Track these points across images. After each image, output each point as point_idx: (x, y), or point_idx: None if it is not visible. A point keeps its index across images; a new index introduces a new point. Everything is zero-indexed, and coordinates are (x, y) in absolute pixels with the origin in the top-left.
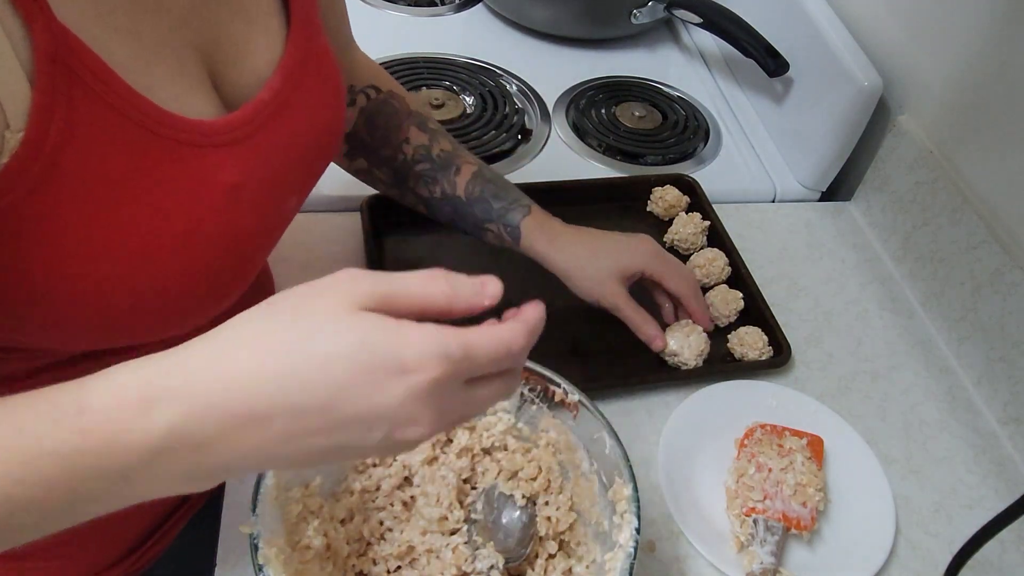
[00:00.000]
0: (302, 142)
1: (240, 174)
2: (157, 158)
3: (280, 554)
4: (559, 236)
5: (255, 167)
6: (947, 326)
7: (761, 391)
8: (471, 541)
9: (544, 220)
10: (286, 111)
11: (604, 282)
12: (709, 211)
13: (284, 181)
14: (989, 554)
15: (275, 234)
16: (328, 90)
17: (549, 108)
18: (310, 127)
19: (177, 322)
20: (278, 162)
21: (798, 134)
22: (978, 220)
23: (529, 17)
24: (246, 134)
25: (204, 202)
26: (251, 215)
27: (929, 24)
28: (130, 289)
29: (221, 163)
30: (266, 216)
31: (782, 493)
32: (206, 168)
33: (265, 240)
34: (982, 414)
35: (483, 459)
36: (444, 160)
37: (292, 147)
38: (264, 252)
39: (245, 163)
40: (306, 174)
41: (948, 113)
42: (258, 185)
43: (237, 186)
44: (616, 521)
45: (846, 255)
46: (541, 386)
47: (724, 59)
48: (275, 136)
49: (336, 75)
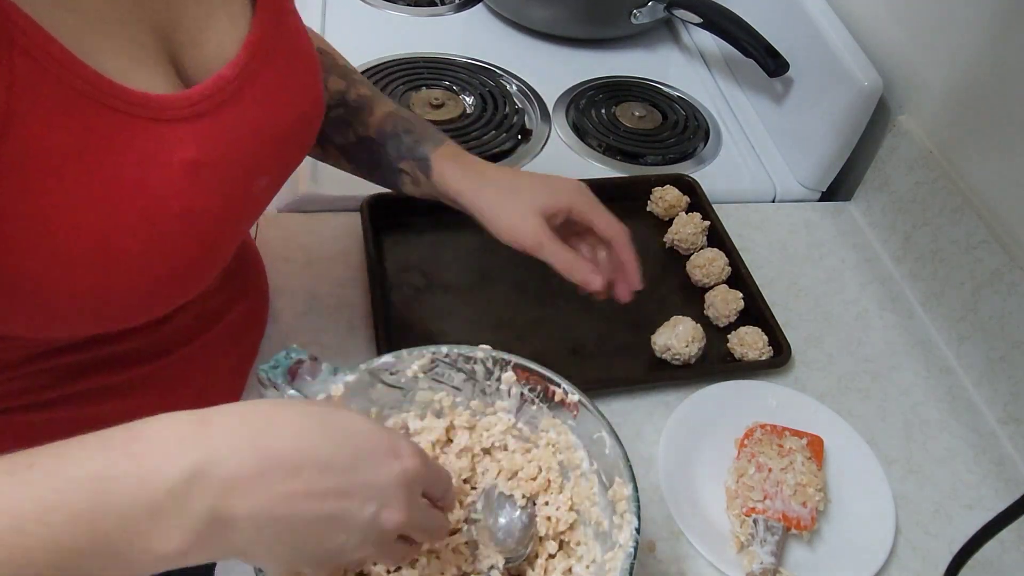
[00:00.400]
0: (274, 122)
1: (200, 150)
2: (108, 131)
3: None
4: (474, 169)
5: (218, 144)
6: (947, 326)
7: (761, 391)
8: (471, 541)
9: (458, 152)
10: (252, 89)
11: (526, 218)
12: (709, 211)
13: (253, 161)
14: (989, 554)
15: (245, 216)
16: (299, 70)
17: (549, 108)
18: (283, 108)
19: (145, 306)
20: (245, 141)
21: (798, 134)
22: (978, 220)
23: (529, 17)
24: (206, 110)
25: (162, 178)
26: (215, 193)
27: (929, 24)
28: (90, 268)
29: (178, 138)
30: (232, 196)
31: (782, 493)
32: (162, 143)
33: (233, 222)
34: (982, 414)
35: (483, 459)
36: (359, 103)
37: (262, 126)
38: (234, 235)
39: (205, 139)
40: (278, 156)
41: (948, 113)
42: (222, 163)
43: (197, 163)
44: (616, 521)
45: (846, 255)
46: (541, 386)
47: (724, 59)
48: (241, 114)
49: (310, 57)
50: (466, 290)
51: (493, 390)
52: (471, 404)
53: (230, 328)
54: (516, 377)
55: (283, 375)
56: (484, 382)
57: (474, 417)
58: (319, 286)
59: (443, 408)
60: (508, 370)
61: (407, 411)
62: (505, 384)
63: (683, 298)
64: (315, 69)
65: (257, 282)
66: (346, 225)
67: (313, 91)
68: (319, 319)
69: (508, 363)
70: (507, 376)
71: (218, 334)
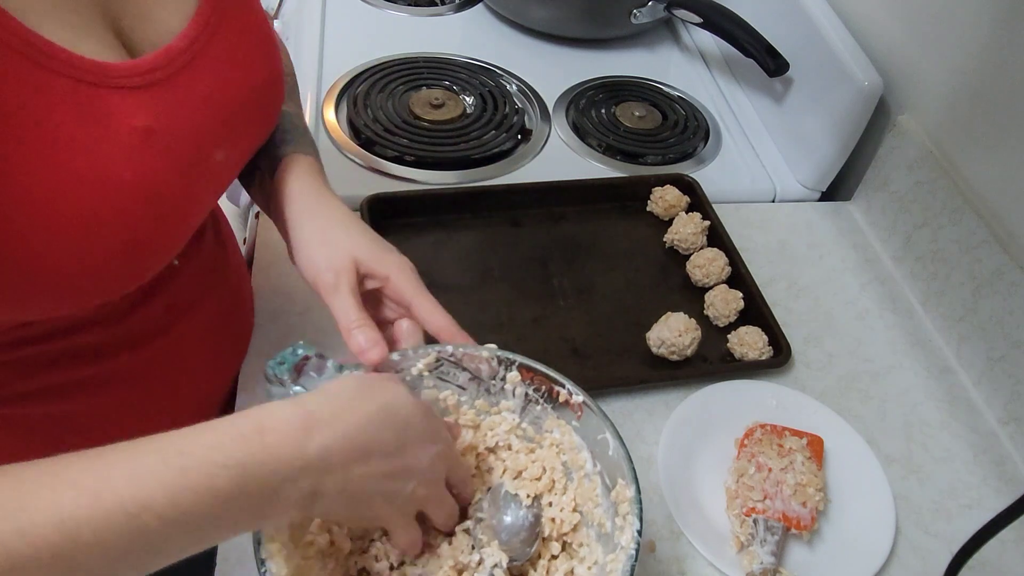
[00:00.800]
0: (226, 94)
1: (151, 118)
2: (58, 97)
3: (283, 549)
4: (316, 189)
5: (170, 113)
6: (947, 326)
7: (761, 391)
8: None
9: (313, 168)
10: (203, 61)
11: (334, 256)
12: (709, 211)
13: (206, 131)
14: (989, 554)
15: (204, 191)
16: (250, 44)
17: (549, 108)
18: (234, 81)
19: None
20: (197, 111)
21: (798, 134)
22: (978, 220)
23: (529, 17)
24: (156, 79)
25: (110, 144)
26: (168, 163)
27: (929, 24)
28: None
29: (130, 105)
30: (187, 167)
31: (782, 493)
32: (109, 109)
33: (191, 195)
34: (982, 414)
35: (488, 458)
36: None
37: (214, 98)
38: (192, 210)
39: (157, 108)
40: (233, 128)
41: (948, 113)
42: (174, 132)
43: (149, 130)
44: (618, 523)
45: (846, 255)
46: (545, 386)
47: (724, 59)
48: (192, 85)
49: (263, 32)
50: (466, 290)
51: (498, 390)
52: (476, 403)
53: (205, 322)
54: (521, 377)
55: (289, 371)
56: (489, 381)
57: (479, 416)
58: None
59: (448, 407)
60: (513, 370)
61: None
62: (510, 384)
63: (683, 298)
64: (268, 44)
65: (236, 277)
66: None
67: (267, 65)
68: (319, 319)
69: (513, 363)
70: (512, 376)
71: (191, 328)
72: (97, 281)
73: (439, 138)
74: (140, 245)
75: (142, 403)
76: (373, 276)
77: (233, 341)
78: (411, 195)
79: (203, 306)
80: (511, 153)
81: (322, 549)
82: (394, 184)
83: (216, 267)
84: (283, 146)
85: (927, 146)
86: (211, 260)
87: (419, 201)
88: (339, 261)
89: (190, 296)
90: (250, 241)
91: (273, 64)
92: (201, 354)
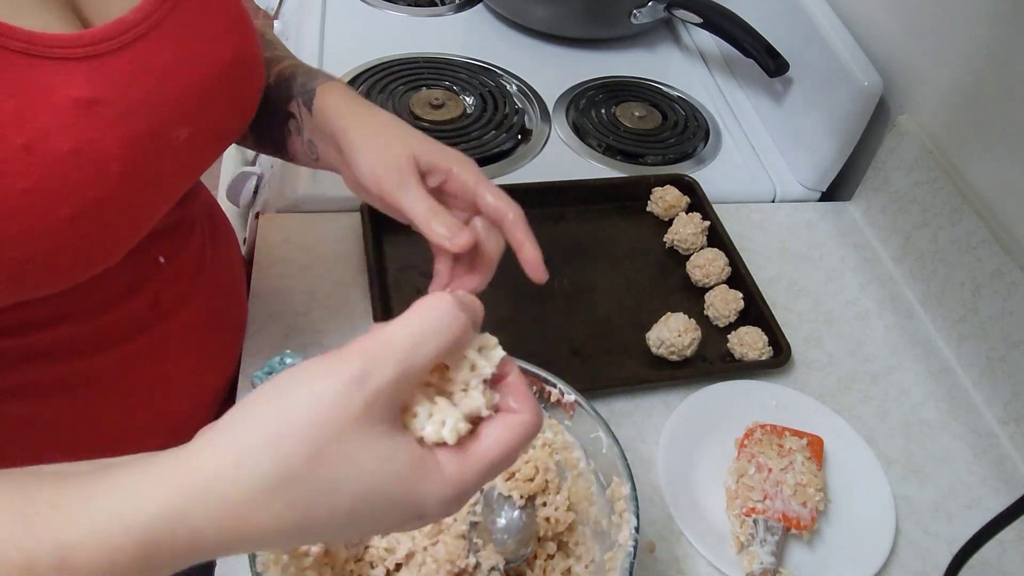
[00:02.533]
0: (187, 70)
1: (96, 90)
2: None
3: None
4: (358, 104)
5: (120, 85)
6: (947, 326)
7: (761, 391)
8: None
9: (347, 89)
10: (161, 33)
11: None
12: (709, 211)
13: (165, 107)
14: (989, 554)
15: (166, 169)
16: (215, 21)
17: (549, 108)
18: (197, 57)
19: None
20: (153, 84)
21: (798, 134)
22: (978, 220)
23: (529, 17)
24: (103, 50)
25: (47, 115)
26: (116, 135)
27: (929, 24)
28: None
29: (68, 76)
30: (140, 141)
31: (782, 493)
32: (47, 79)
33: (146, 172)
34: (982, 414)
35: None
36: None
37: (175, 73)
38: (152, 190)
39: (102, 79)
40: (199, 107)
41: (948, 113)
42: (127, 105)
43: (93, 101)
44: (615, 520)
45: (846, 255)
46: (537, 387)
47: (724, 59)
48: (147, 57)
49: (232, 10)
50: None
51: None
52: None
53: (191, 321)
54: None
55: None
56: None
57: None
58: (319, 286)
59: None
60: None
61: None
62: None
63: (683, 298)
64: (238, 23)
65: (229, 277)
66: (346, 225)
67: (236, 44)
68: (319, 319)
69: None
70: None
71: (176, 327)
72: (49, 258)
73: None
74: (89, 220)
75: (125, 401)
76: (435, 170)
77: (224, 341)
78: None
79: (190, 305)
80: (511, 153)
81: (318, 559)
82: None
83: (205, 266)
84: (312, 81)
85: (927, 146)
86: (200, 259)
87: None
88: (400, 160)
89: (176, 295)
90: (250, 241)
91: (243, 44)
92: (188, 353)
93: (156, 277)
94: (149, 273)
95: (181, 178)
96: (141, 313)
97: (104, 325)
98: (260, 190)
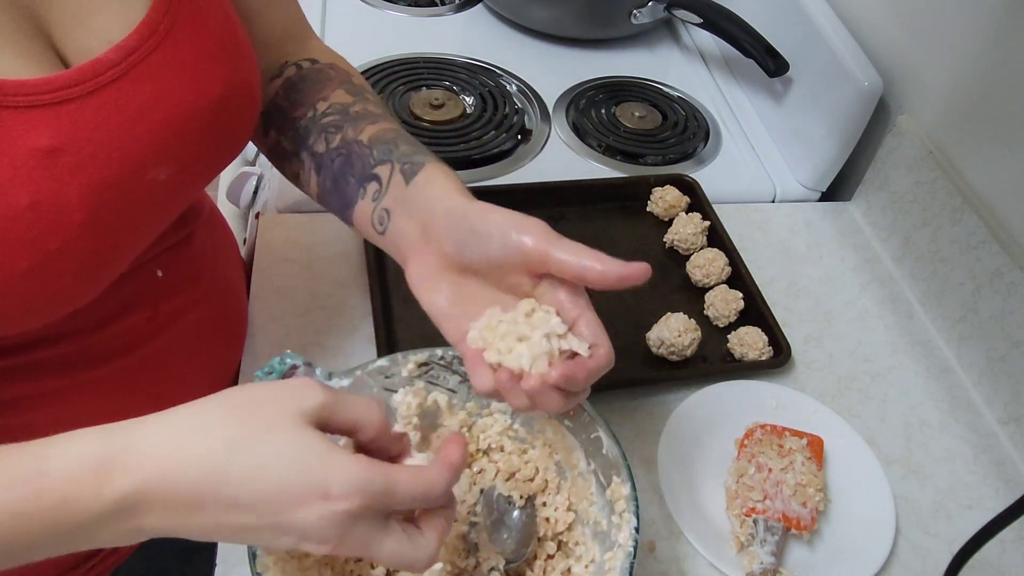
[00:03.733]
0: (172, 108)
1: (58, 137)
2: None
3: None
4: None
5: (86, 131)
6: (947, 326)
7: (761, 391)
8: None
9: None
10: (144, 71)
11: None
12: (709, 211)
13: (140, 149)
14: (989, 554)
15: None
16: (207, 53)
17: (549, 108)
18: (183, 93)
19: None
20: (130, 127)
21: (798, 134)
22: (978, 220)
23: (529, 17)
24: (71, 95)
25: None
26: (80, 183)
27: (929, 24)
28: None
29: (28, 125)
30: (110, 186)
31: (782, 493)
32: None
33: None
34: (982, 414)
35: (480, 459)
36: (362, 114)
37: (155, 112)
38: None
39: (67, 126)
40: (181, 144)
41: (948, 113)
42: (92, 151)
43: (55, 150)
44: (615, 520)
45: (846, 255)
46: None
47: (724, 59)
48: (124, 98)
49: (226, 39)
50: None
51: None
52: (467, 405)
53: (191, 332)
54: None
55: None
56: None
57: (470, 418)
58: (319, 286)
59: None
60: None
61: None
62: None
63: (683, 298)
64: (232, 52)
65: (228, 284)
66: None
67: (228, 76)
68: (319, 319)
69: None
70: None
71: (175, 338)
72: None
73: (439, 138)
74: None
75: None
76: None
77: (223, 348)
78: None
79: (189, 315)
80: (511, 153)
81: (317, 559)
82: None
83: (204, 276)
84: (418, 154)
85: (927, 146)
86: (199, 270)
87: None
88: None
89: (175, 306)
90: (250, 241)
91: (237, 75)
92: (187, 363)
93: (154, 290)
94: (147, 287)
95: (157, 217)
96: (139, 327)
97: (103, 340)
98: (260, 190)
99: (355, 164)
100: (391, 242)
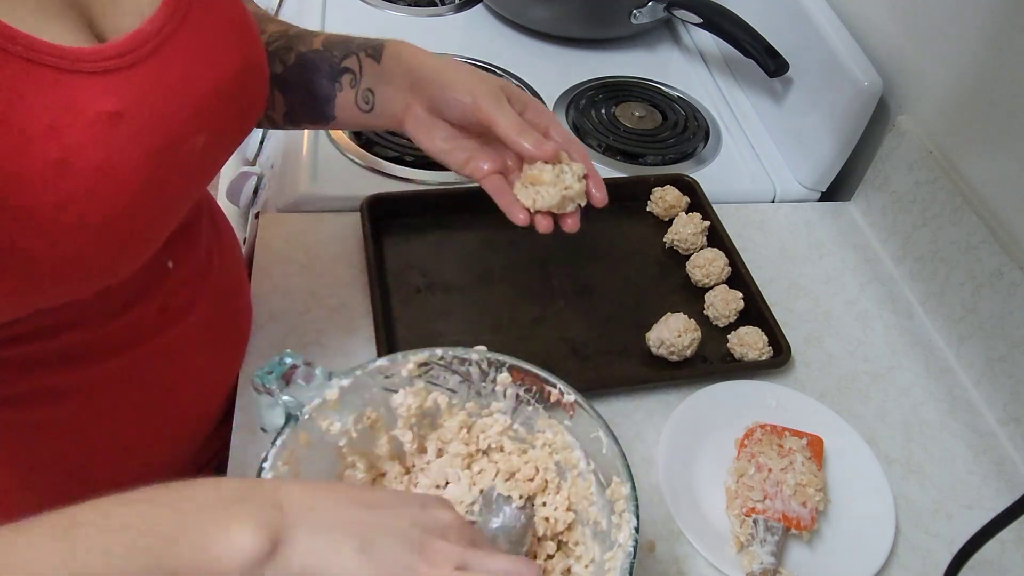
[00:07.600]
0: (204, 78)
1: (120, 103)
2: (16, 80)
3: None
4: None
5: (140, 98)
6: (947, 326)
7: (761, 391)
8: None
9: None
10: (173, 47)
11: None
12: (709, 211)
13: (183, 116)
14: (989, 554)
15: (179, 179)
16: (223, 30)
17: (549, 108)
18: (212, 65)
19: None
20: (172, 95)
21: (798, 134)
22: (978, 220)
23: (529, 17)
24: (124, 64)
25: (79, 129)
26: (138, 147)
27: (929, 24)
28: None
29: (96, 90)
30: (157, 154)
31: (782, 493)
32: (75, 94)
33: (162, 183)
34: (982, 414)
35: (480, 460)
36: (301, 33)
37: (188, 85)
38: (168, 198)
39: (126, 92)
40: (211, 117)
41: (948, 113)
42: (146, 116)
43: (118, 114)
44: (615, 520)
45: (846, 255)
46: (537, 387)
47: (724, 59)
48: (165, 68)
49: (238, 18)
50: (466, 290)
51: (489, 392)
52: (467, 406)
53: (199, 324)
54: (512, 378)
55: (277, 380)
56: (480, 384)
57: (470, 418)
58: (319, 286)
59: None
60: (504, 371)
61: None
62: (501, 386)
63: (683, 298)
64: (244, 30)
65: (233, 279)
66: (346, 225)
67: (243, 52)
68: (319, 319)
69: (503, 364)
70: (503, 377)
71: (184, 330)
72: (77, 268)
73: None
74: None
75: (135, 405)
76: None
77: (230, 343)
78: (411, 195)
79: (197, 308)
80: None
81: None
82: (394, 184)
83: (211, 269)
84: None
85: (927, 146)
86: (207, 263)
87: (419, 201)
88: (495, 87)
89: (184, 299)
90: (250, 241)
91: (249, 51)
92: (196, 356)
93: (164, 282)
94: (158, 278)
95: (195, 185)
96: (150, 318)
97: (114, 331)
98: (260, 190)
99: (321, 67)
100: (381, 113)
